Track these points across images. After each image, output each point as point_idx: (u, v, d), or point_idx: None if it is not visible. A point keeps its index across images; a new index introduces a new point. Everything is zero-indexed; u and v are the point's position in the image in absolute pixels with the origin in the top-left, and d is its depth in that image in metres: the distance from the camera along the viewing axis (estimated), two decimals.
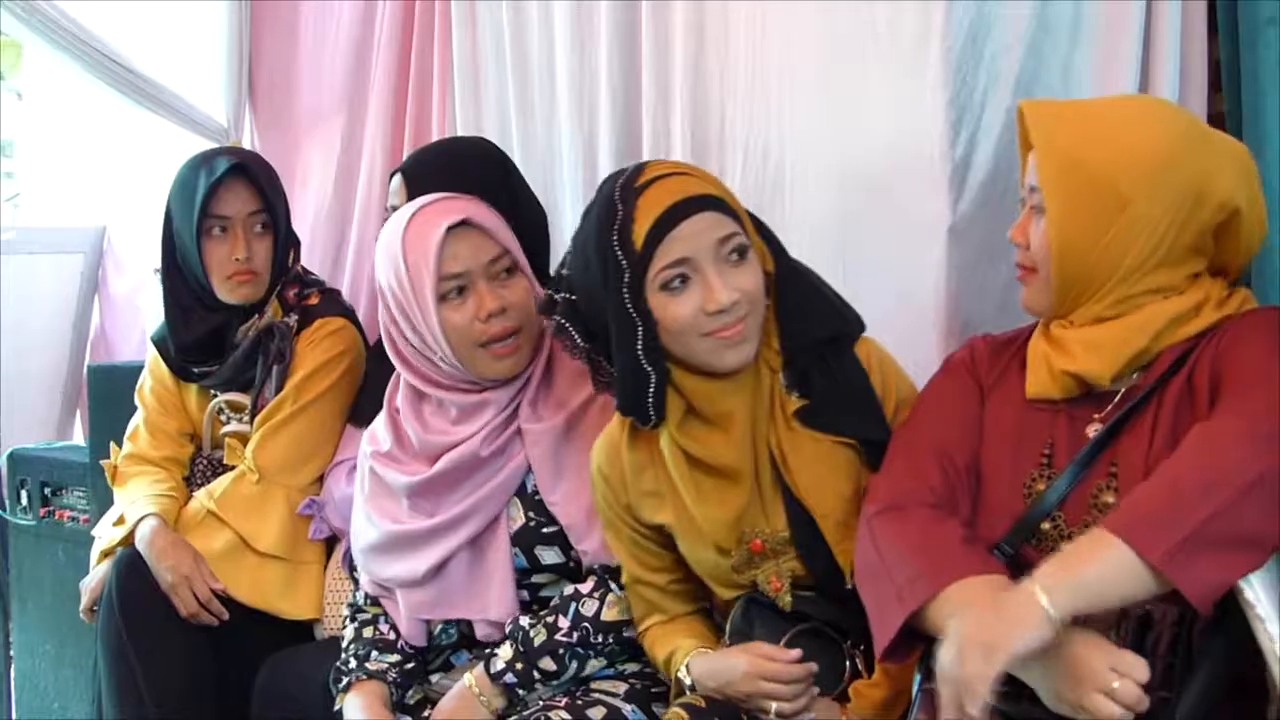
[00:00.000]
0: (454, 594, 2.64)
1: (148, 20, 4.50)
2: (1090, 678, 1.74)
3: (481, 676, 2.54)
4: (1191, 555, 1.72)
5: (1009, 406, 2.14)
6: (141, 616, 3.07)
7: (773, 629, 2.30)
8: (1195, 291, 2.05)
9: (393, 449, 2.71)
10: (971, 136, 2.79)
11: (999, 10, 2.75)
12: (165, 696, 3.02)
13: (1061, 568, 1.79)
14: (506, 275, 2.59)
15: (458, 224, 2.53)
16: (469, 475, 2.61)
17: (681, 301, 2.21)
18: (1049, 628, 1.74)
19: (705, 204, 2.22)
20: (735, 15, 3.17)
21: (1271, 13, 2.37)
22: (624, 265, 2.21)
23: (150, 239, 3.51)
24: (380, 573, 2.71)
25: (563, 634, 2.52)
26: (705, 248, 2.20)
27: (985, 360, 2.21)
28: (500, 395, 2.61)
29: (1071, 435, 2.06)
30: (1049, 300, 2.09)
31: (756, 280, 2.25)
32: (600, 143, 3.46)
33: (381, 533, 2.69)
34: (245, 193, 3.27)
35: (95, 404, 4.02)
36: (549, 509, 2.59)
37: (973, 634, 1.78)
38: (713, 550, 2.35)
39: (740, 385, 2.30)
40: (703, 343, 2.23)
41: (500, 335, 2.55)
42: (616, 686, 2.52)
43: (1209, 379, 1.95)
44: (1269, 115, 2.38)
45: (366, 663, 2.67)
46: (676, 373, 2.27)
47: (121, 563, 3.14)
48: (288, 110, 4.43)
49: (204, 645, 3.09)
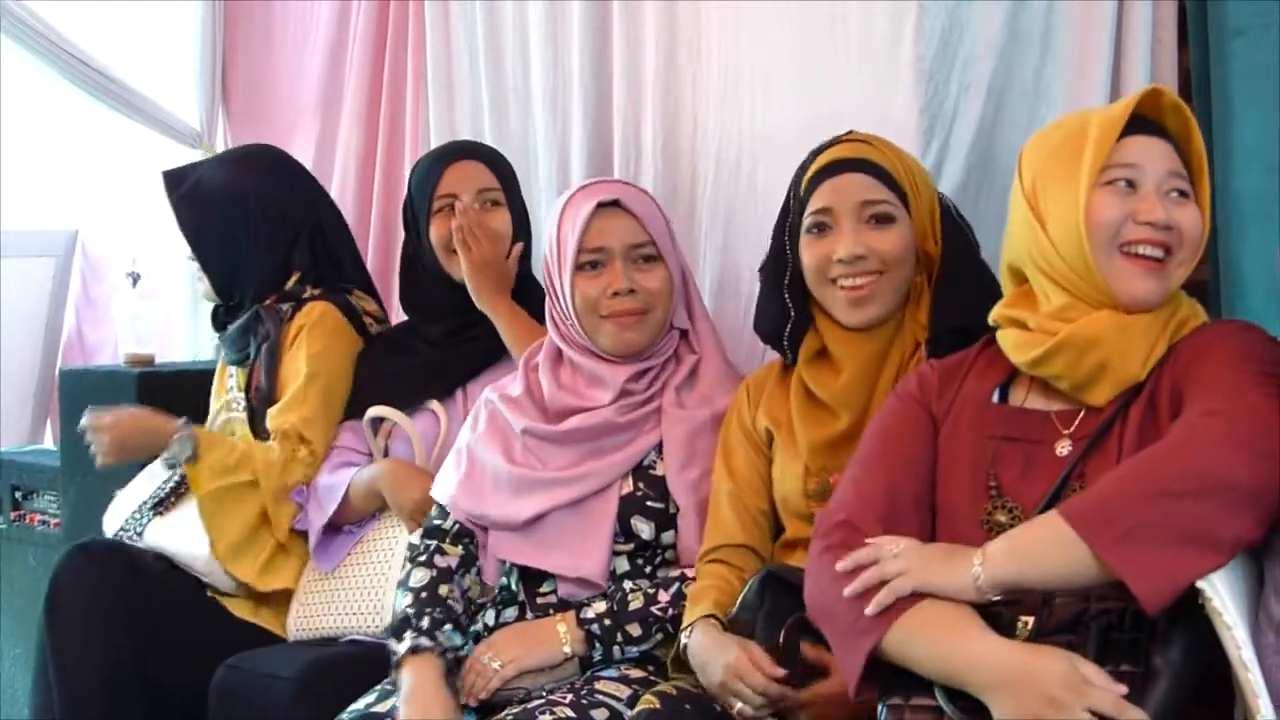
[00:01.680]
0: (548, 546, 2.67)
1: (119, 23, 4.50)
2: (1059, 714, 1.73)
3: (570, 618, 2.60)
4: (1139, 548, 1.73)
5: (960, 433, 2.12)
6: (65, 615, 3.08)
7: (782, 608, 2.31)
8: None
9: (521, 397, 2.78)
10: (943, 145, 2.81)
11: (970, 19, 2.76)
12: (73, 698, 3.04)
13: (1008, 541, 1.87)
14: (646, 261, 2.71)
15: (609, 203, 2.68)
16: (595, 439, 2.69)
17: (817, 245, 2.44)
18: (972, 592, 1.86)
19: (861, 166, 2.43)
20: (708, 19, 3.19)
21: (1240, 22, 2.38)
22: (792, 206, 2.51)
23: (123, 242, 3.51)
24: (476, 507, 2.72)
25: (659, 607, 2.59)
26: (849, 205, 2.42)
27: (935, 388, 2.19)
28: (637, 370, 2.72)
29: (1030, 456, 2.05)
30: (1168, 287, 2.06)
31: (894, 245, 2.42)
32: (572, 145, 3.47)
33: (490, 466, 2.72)
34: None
35: (66, 408, 4.00)
36: (668, 486, 2.66)
37: (919, 553, 1.92)
38: (800, 468, 2.47)
39: (876, 339, 2.46)
40: (830, 289, 2.44)
41: (622, 312, 2.67)
42: (620, 690, 2.52)
43: (1170, 395, 1.95)
44: (1238, 124, 2.39)
45: (439, 632, 2.61)
46: (819, 317, 2.50)
47: (62, 559, 3.16)
48: (262, 114, 4.42)
49: (128, 649, 3.06)
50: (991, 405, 2.12)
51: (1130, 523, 1.74)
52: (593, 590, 2.64)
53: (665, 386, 2.74)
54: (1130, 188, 2.01)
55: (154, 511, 3.32)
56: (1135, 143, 2.02)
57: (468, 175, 3.14)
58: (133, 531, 3.32)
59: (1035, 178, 2.09)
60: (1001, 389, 2.14)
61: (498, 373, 3.03)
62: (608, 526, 2.65)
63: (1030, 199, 2.08)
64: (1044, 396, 2.09)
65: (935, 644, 1.85)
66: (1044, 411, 2.07)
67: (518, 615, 2.72)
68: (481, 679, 2.58)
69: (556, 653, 2.59)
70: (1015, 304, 2.13)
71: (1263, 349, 1.92)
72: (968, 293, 2.43)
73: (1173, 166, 2.03)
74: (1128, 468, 1.85)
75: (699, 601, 2.46)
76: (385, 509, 3.09)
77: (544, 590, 2.69)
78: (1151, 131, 2.04)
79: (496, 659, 2.58)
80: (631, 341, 2.69)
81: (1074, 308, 2.03)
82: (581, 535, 2.66)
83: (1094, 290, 2.01)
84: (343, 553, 3.12)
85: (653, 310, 2.70)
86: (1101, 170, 2.01)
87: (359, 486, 3.08)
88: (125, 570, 3.16)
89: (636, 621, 2.58)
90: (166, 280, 4.42)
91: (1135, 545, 1.73)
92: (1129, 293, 2.00)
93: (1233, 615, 1.73)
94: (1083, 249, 1.99)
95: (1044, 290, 2.07)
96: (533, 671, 2.58)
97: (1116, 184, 2.01)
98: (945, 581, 1.87)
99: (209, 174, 3.48)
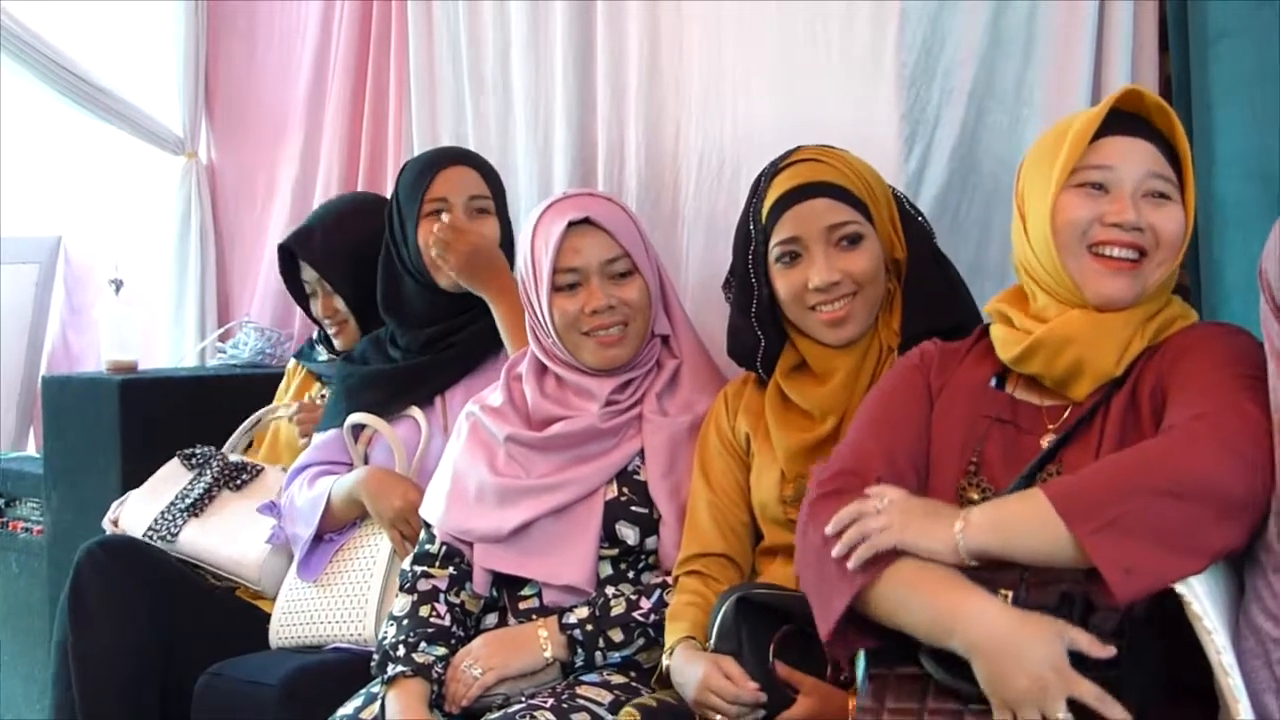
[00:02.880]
0: (533, 554, 2.68)
1: (103, 30, 4.50)
2: (1040, 695, 1.73)
3: (552, 623, 2.61)
4: (1119, 538, 1.73)
5: (955, 410, 2.13)
6: (87, 611, 3.07)
7: (761, 629, 2.31)
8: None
9: (504, 406, 2.78)
10: (925, 151, 2.81)
11: (952, 24, 2.76)
12: (97, 696, 3.04)
13: (992, 511, 1.88)
14: (622, 276, 2.70)
15: (580, 220, 2.67)
16: (578, 445, 2.70)
17: (790, 275, 2.45)
18: (951, 555, 1.85)
19: (822, 190, 2.43)
20: (690, 26, 3.19)
21: (1221, 27, 2.39)
22: (753, 236, 2.50)
23: (106, 249, 3.50)
24: (461, 524, 2.72)
25: (641, 613, 2.59)
26: (816, 231, 2.42)
27: (935, 363, 2.21)
28: (621, 381, 2.73)
29: (1016, 445, 2.06)
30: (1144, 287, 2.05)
31: (866, 265, 2.43)
32: (555, 152, 3.47)
33: (474, 479, 2.73)
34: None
35: (50, 415, 3.99)
36: (650, 493, 2.66)
37: (902, 509, 1.91)
38: (777, 474, 2.48)
39: (854, 352, 2.47)
40: (809, 315, 2.45)
41: (604, 326, 2.67)
42: (602, 695, 2.52)
43: (1152, 394, 1.96)
44: (1219, 129, 2.40)
45: (415, 654, 2.64)
46: (795, 335, 2.51)
47: (83, 555, 3.13)
48: (245, 121, 4.42)
49: (151, 646, 3.07)
50: (989, 389, 2.14)
51: (1114, 513, 1.75)
52: (579, 597, 2.64)
53: (647, 393, 2.74)
54: (1101, 189, 2.02)
55: (188, 514, 3.32)
56: (1112, 143, 2.03)
57: (459, 181, 3.14)
58: (165, 533, 3.31)
59: (1024, 181, 2.12)
60: (998, 377, 2.15)
61: (477, 381, 3.04)
62: (593, 533, 2.65)
63: (1019, 202, 2.12)
64: (1035, 391, 2.10)
65: (929, 598, 1.84)
66: (1036, 406, 2.09)
67: (499, 621, 2.72)
68: (462, 686, 2.59)
69: (537, 658, 2.59)
70: (1007, 299, 2.16)
71: (1254, 354, 1.91)
72: (935, 295, 2.48)
73: (1153, 167, 2.03)
74: (1118, 460, 1.85)
75: (678, 620, 2.47)
76: (366, 516, 3.08)
77: (525, 594, 2.69)
78: (1134, 132, 2.04)
79: (476, 666, 2.59)
80: (615, 357, 2.70)
81: (1052, 307, 2.06)
82: (566, 542, 2.66)
83: (1066, 290, 2.04)
84: (324, 562, 3.11)
85: (633, 322, 2.70)
86: (1073, 172, 2.02)
87: (339, 495, 3.07)
88: (146, 567, 3.17)
89: (618, 627, 2.58)
90: (149, 287, 4.41)
91: (1115, 535, 1.73)
92: (1096, 292, 2.01)
93: (1213, 620, 1.73)
94: (1049, 249, 2.02)
95: (1030, 290, 2.11)
96: (513, 678, 2.58)
97: (1086, 185, 2.02)
98: (927, 541, 1.86)
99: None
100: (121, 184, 4.74)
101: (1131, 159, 2.03)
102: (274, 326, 4.19)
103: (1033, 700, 1.73)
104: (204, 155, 4.46)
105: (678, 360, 2.78)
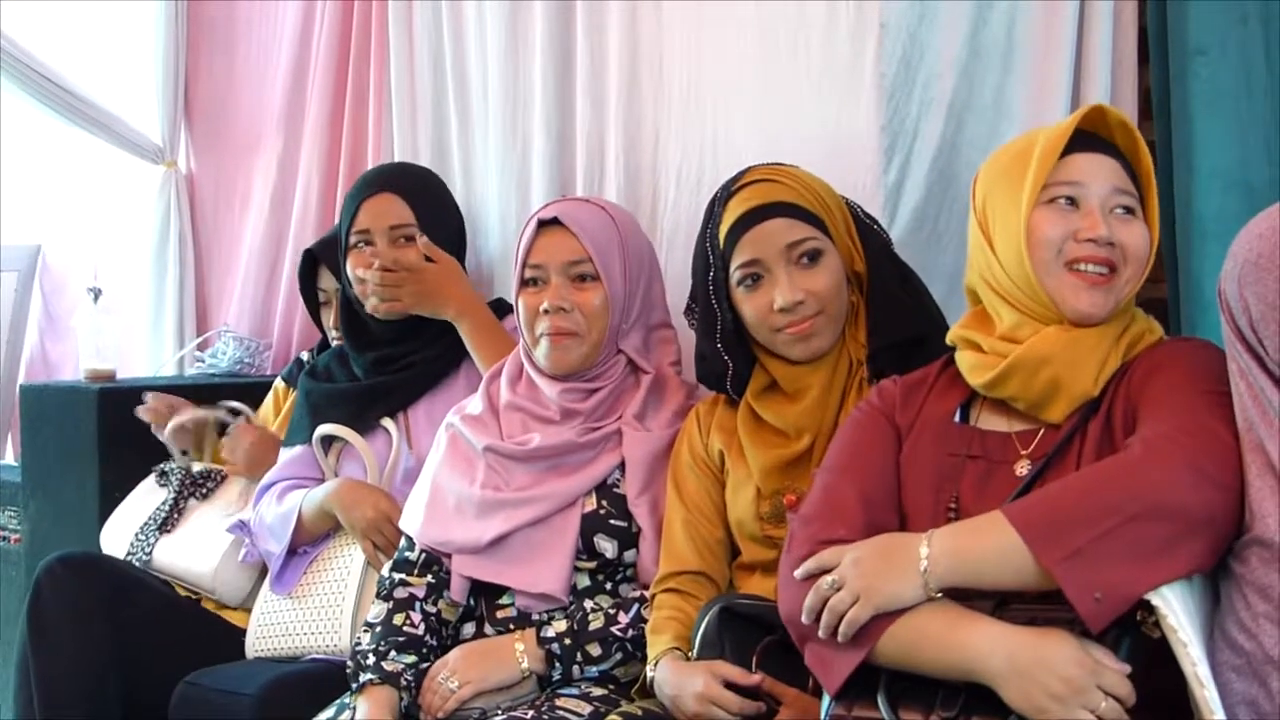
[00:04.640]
0: (508, 562, 2.68)
1: (82, 38, 4.49)
2: (1076, 694, 1.74)
3: (530, 635, 2.62)
4: (1086, 567, 1.74)
5: (923, 452, 2.12)
6: (47, 624, 3.05)
7: (744, 639, 2.30)
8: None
9: (483, 414, 2.81)
10: (904, 163, 2.80)
11: (932, 37, 2.76)
12: (55, 705, 3.03)
13: (952, 540, 1.87)
14: (583, 280, 2.71)
15: (550, 220, 2.72)
16: (557, 457, 2.71)
17: (754, 298, 2.45)
18: (921, 594, 1.86)
19: (778, 211, 2.43)
20: (670, 36, 3.19)
21: (1201, 42, 2.39)
22: (712, 261, 2.50)
23: (84, 257, 3.49)
24: (440, 535, 2.73)
25: (619, 627, 2.59)
26: (775, 251, 2.43)
27: (898, 402, 2.19)
28: (581, 389, 2.75)
29: (990, 478, 2.05)
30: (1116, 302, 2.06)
31: (828, 282, 2.44)
32: (534, 161, 3.46)
33: (453, 491, 2.74)
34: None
35: (27, 423, 3.98)
36: (629, 508, 2.67)
37: (859, 572, 1.89)
38: (752, 491, 2.49)
39: (822, 368, 2.48)
40: (776, 336, 2.45)
41: (557, 328, 2.69)
42: (582, 707, 2.52)
43: (1125, 415, 1.95)
44: (1199, 143, 2.40)
45: (384, 662, 2.65)
46: (763, 356, 2.51)
47: (42, 572, 3.11)
48: (224, 130, 4.41)
49: (111, 658, 3.05)
50: (953, 425, 2.13)
51: (1081, 540, 1.75)
52: (553, 605, 2.65)
53: (623, 409, 2.74)
54: (1072, 205, 2.03)
55: (160, 532, 3.34)
56: (1079, 160, 2.04)
57: (380, 212, 3.15)
58: (140, 554, 3.34)
59: (985, 198, 2.12)
60: (963, 408, 2.14)
61: (439, 397, 3.10)
62: (569, 542, 2.65)
63: (981, 219, 2.11)
64: (1004, 417, 2.09)
65: (935, 650, 1.84)
66: (1004, 433, 2.08)
67: (476, 630, 2.72)
68: (439, 699, 2.59)
69: (514, 671, 2.60)
70: (970, 325, 2.15)
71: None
72: (898, 306, 2.48)
73: (1118, 184, 2.04)
74: (1080, 479, 1.85)
75: (660, 633, 2.46)
76: (339, 528, 3.08)
77: (503, 604, 2.70)
78: (1098, 149, 2.06)
79: (453, 679, 2.59)
80: (560, 360, 2.71)
81: (1024, 325, 2.05)
82: (543, 551, 2.66)
83: (1040, 307, 2.03)
84: (298, 575, 3.11)
85: (585, 332, 2.70)
86: (1044, 188, 2.03)
87: (310, 508, 3.08)
88: (107, 579, 3.15)
89: (596, 641, 2.59)
90: (128, 295, 4.41)
91: (1084, 564, 1.74)
92: (1073, 307, 2.01)
93: (1188, 633, 1.73)
94: (1024, 266, 2.02)
95: (996, 310, 2.09)
96: (490, 691, 2.59)
97: (1058, 201, 2.03)
98: (897, 596, 1.86)
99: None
100: (101, 193, 4.74)
101: (1099, 176, 2.04)
102: (252, 336, 4.19)
103: (1070, 698, 1.74)
104: (183, 164, 4.45)
105: (650, 374, 2.78)
